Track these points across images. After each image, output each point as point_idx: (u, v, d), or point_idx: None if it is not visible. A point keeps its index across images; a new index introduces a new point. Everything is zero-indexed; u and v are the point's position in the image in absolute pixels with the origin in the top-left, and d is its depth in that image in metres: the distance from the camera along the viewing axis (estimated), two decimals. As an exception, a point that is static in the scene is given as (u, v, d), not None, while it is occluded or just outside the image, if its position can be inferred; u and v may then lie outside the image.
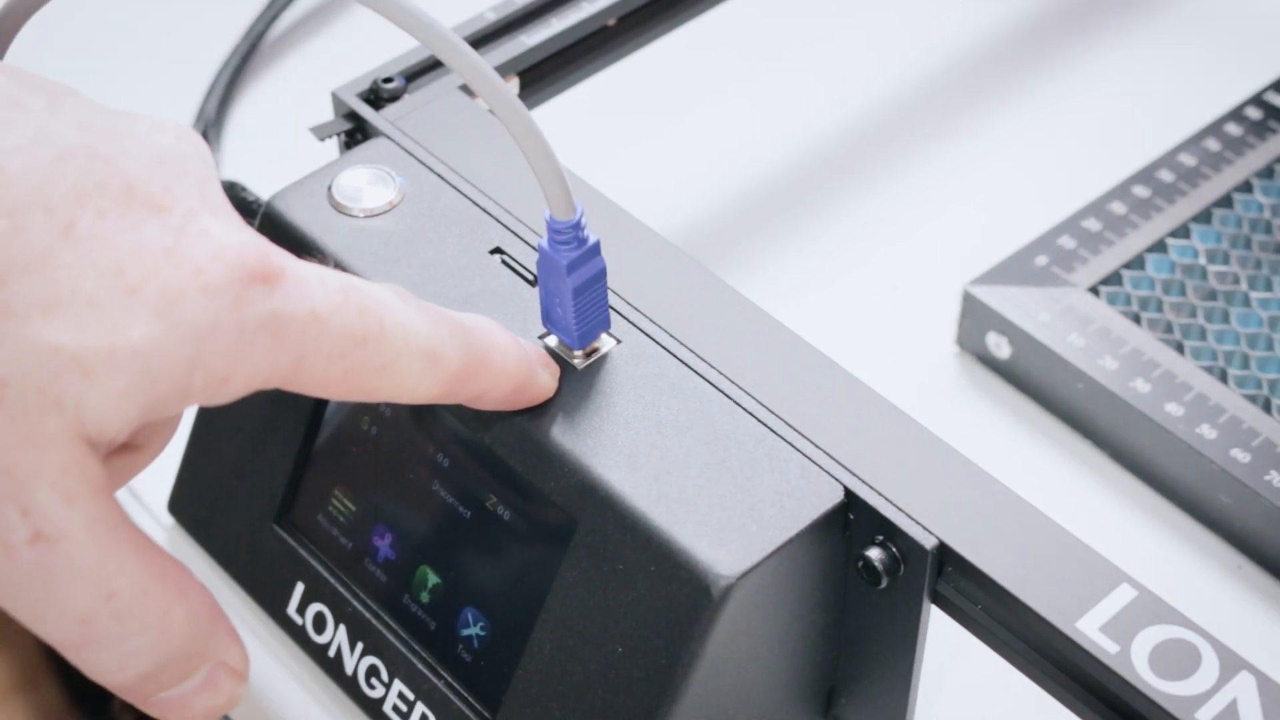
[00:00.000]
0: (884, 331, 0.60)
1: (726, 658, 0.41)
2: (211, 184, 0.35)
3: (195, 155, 0.35)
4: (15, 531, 0.32)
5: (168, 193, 0.34)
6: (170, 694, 0.35)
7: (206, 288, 0.33)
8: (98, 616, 0.33)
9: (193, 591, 0.35)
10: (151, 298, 0.32)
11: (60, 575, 0.32)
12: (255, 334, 0.33)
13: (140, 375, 0.32)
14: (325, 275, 0.35)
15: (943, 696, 0.50)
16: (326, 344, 0.35)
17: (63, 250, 0.32)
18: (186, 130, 0.36)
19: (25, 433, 0.31)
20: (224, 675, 0.36)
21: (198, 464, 0.51)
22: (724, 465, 0.41)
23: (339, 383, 0.36)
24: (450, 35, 0.37)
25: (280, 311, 0.34)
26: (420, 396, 0.38)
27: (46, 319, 0.31)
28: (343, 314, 0.35)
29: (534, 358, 0.42)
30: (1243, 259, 0.59)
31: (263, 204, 0.49)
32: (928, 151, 0.67)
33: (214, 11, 0.72)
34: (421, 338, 0.37)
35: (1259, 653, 0.41)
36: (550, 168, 0.39)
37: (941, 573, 0.41)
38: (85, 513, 0.32)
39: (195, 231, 0.33)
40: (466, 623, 0.45)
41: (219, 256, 0.33)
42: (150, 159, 0.34)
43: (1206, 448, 0.52)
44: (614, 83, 0.61)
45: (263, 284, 0.34)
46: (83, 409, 0.32)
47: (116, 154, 0.33)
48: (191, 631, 0.34)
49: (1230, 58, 0.70)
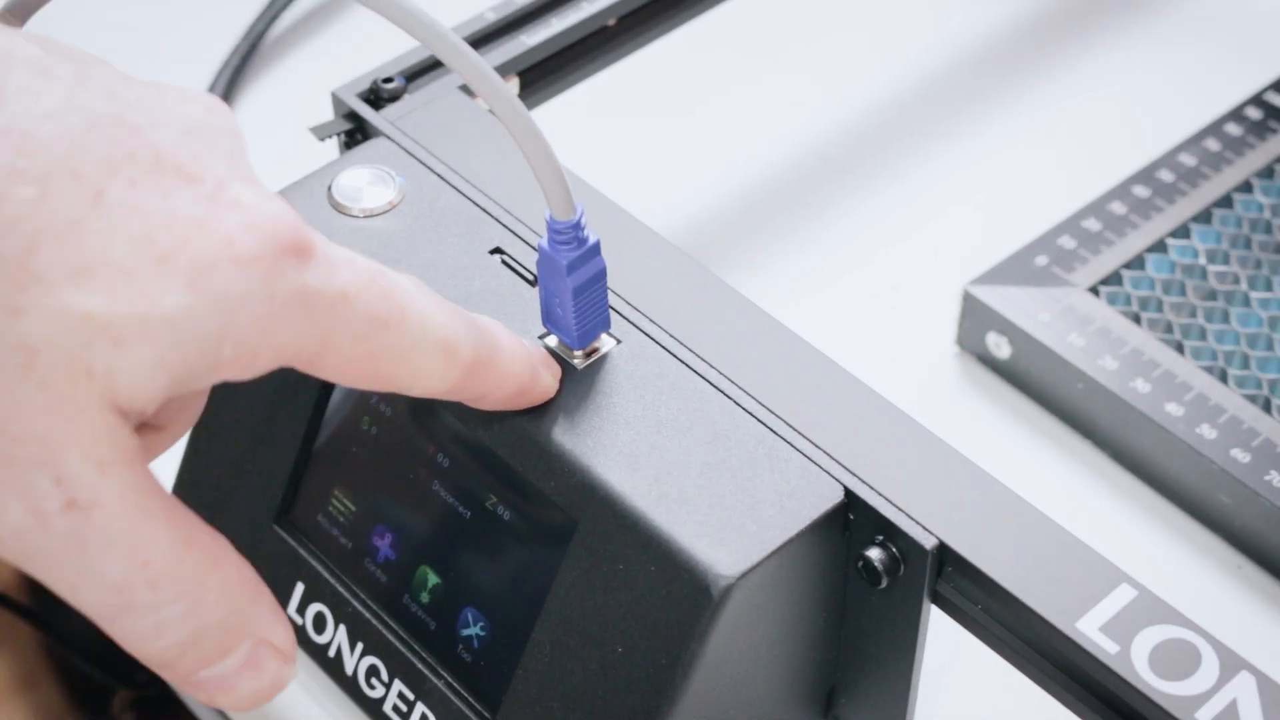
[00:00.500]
0: (884, 331, 0.60)
1: (726, 658, 0.41)
2: (240, 154, 0.35)
3: (225, 126, 0.35)
4: (48, 499, 0.31)
5: (198, 161, 0.33)
6: (211, 672, 0.34)
7: (238, 258, 0.32)
8: (132, 585, 0.32)
9: (229, 562, 0.34)
10: (183, 267, 0.32)
11: (94, 543, 0.32)
12: (286, 307, 0.33)
13: (171, 344, 0.32)
14: (352, 256, 0.35)
15: (943, 696, 0.50)
16: (353, 325, 0.34)
17: (93, 218, 0.31)
18: (215, 101, 0.36)
19: (57, 401, 0.31)
20: (267, 654, 0.35)
21: (198, 463, 0.51)
22: (724, 465, 0.41)
23: (360, 366, 0.35)
24: (450, 35, 0.37)
25: (310, 286, 0.33)
26: (433, 388, 0.38)
27: (77, 286, 0.31)
28: (369, 295, 0.35)
29: (537, 359, 0.42)
30: (1243, 259, 0.59)
31: (263, 204, 0.49)
32: (928, 151, 0.67)
33: (214, 11, 0.72)
34: (440, 328, 0.37)
35: (1259, 653, 0.41)
36: (550, 168, 0.39)
37: (941, 573, 0.41)
38: (119, 480, 0.32)
39: (227, 201, 0.33)
40: (466, 623, 0.45)
41: (252, 226, 0.33)
42: (179, 129, 0.34)
43: (1206, 448, 0.52)
44: (614, 83, 0.61)
45: (295, 256, 0.33)
46: (114, 377, 0.31)
47: (145, 124, 0.33)
48: (228, 602, 0.34)
49: (1230, 58, 0.70)
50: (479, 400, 0.40)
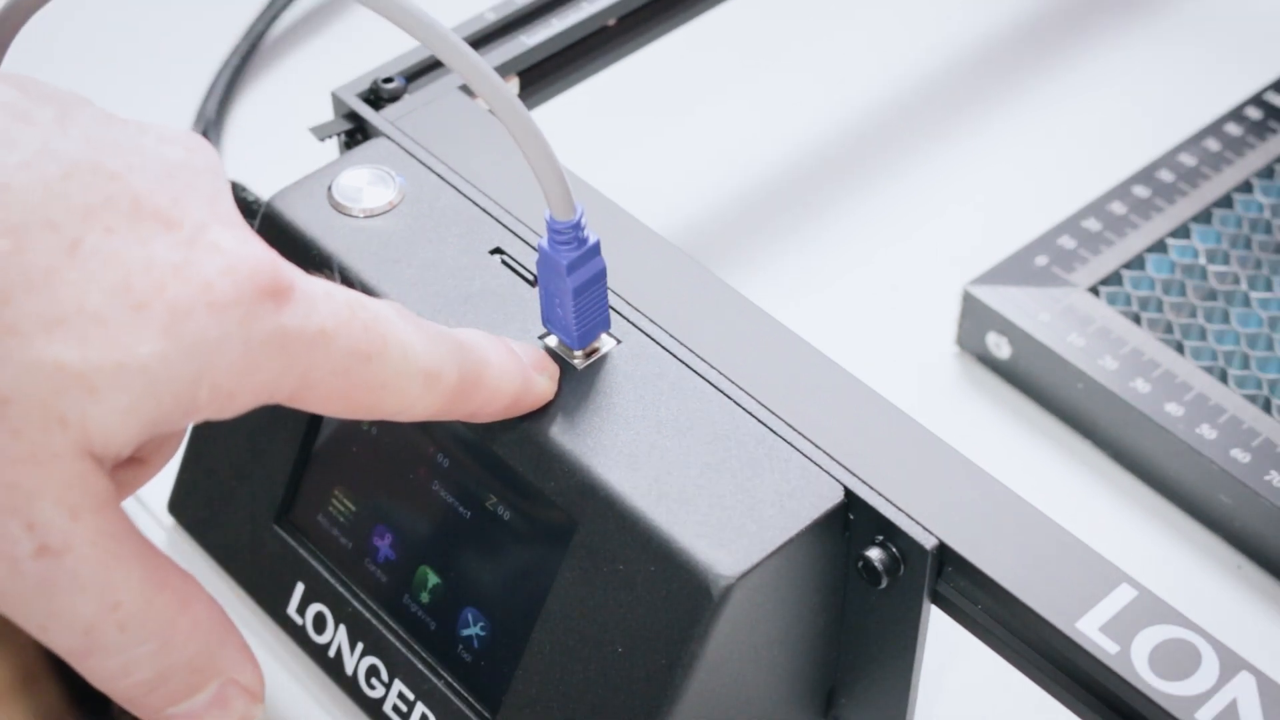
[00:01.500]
0: (884, 331, 0.60)
1: (726, 658, 0.41)
2: (222, 196, 0.35)
3: (205, 167, 0.35)
4: (20, 545, 0.32)
5: (176, 206, 0.33)
6: (179, 709, 0.35)
7: (214, 303, 0.33)
8: (102, 626, 0.33)
9: (199, 602, 0.35)
10: (159, 314, 0.32)
11: (64, 587, 0.32)
12: (263, 350, 0.33)
13: (145, 392, 0.32)
14: (332, 290, 0.35)
15: (943, 696, 0.50)
16: (332, 360, 0.35)
17: (67, 268, 0.32)
18: (197, 141, 0.36)
19: (29, 449, 0.31)
20: (236, 693, 0.35)
21: (198, 464, 0.51)
22: (724, 465, 0.41)
23: (341, 399, 0.36)
24: (450, 35, 0.37)
25: (288, 328, 0.34)
26: (418, 414, 0.38)
27: (50, 337, 0.31)
28: (349, 330, 0.35)
29: (531, 366, 0.42)
30: (1243, 259, 0.59)
31: (263, 204, 0.49)
32: (928, 151, 0.67)
33: (214, 11, 0.72)
34: (422, 356, 0.37)
35: (1259, 653, 0.41)
36: (550, 168, 0.39)
37: (941, 573, 0.41)
38: (90, 526, 0.32)
39: (206, 245, 0.33)
40: (466, 623, 0.45)
41: (229, 270, 0.33)
42: (159, 172, 0.34)
43: (1206, 448, 0.52)
44: (614, 83, 0.61)
45: (272, 299, 0.33)
46: (87, 425, 0.32)
47: (123, 169, 0.33)
48: (197, 641, 0.34)
49: (1230, 58, 0.70)
50: (470, 417, 0.40)
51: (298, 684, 0.50)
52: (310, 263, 0.46)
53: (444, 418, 0.39)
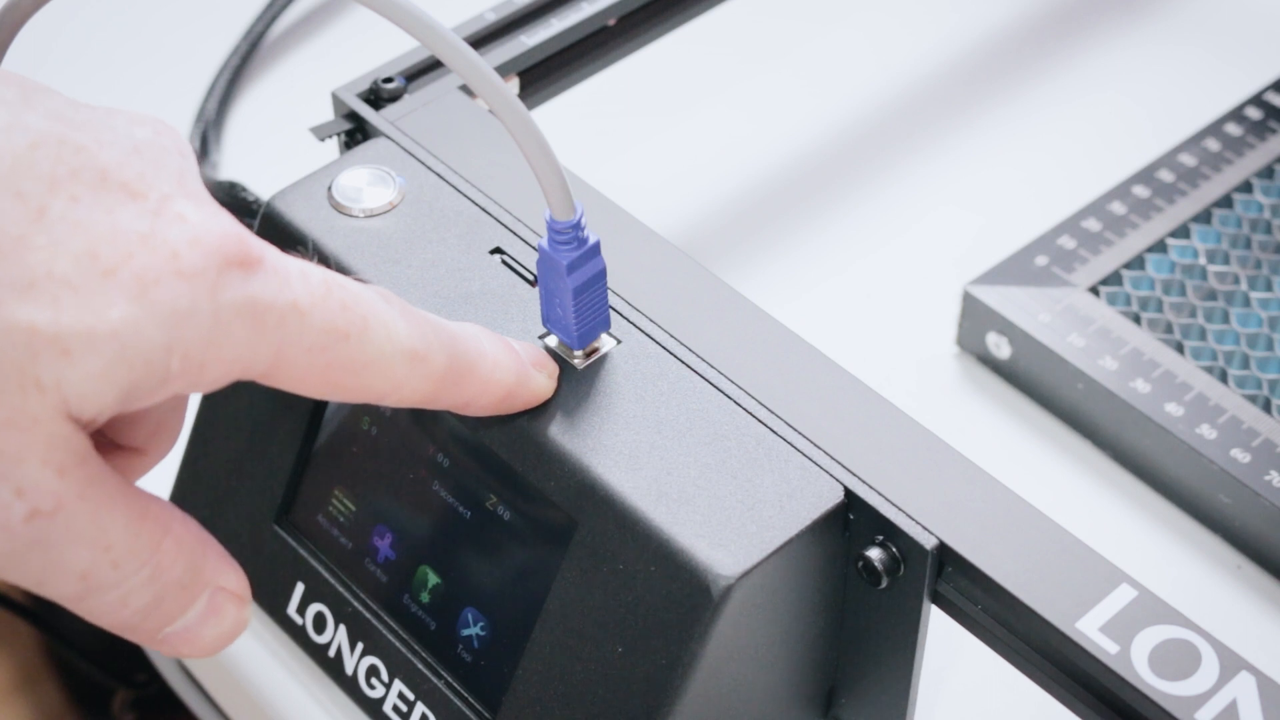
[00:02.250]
0: (884, 331, 0.60)
1: (726, 658, 0.41)
2: (190, 174, 0.35)
3: (173, 148, 0.35)
4: (11, 510, 0.32)
5: (142, 179, 0.34)
6: (176, 627, 0.36)
7: (183, 271, 0.33)
8: (98, 569, 0.34)
9: (177, 522, 0.35)
10: (127, 281, 0.32)
11: (59, 542, 0.33)
12: (232, 319, 0.34)
13: (117, 357, 0.32)
14: (308, 269, 0.36)
15: (943, 696, 0.50)
16: (307, 336, 0.35)
17: (36, 234, 0.32)
18: (165, 125, 0.36)
19: (9, 414, 0.32)
20: (225, 600, 0.36)
21: (198, 464, 0.51)
22: (724, 465, 0.41)
23: (320, 379, 0.36)
24: (450, 35, 0.37)
25: (258, 298, 0.34)
26: (405, 398, 0.38)
27: (21, 300, 0.32)
28: (325, 307, 0.35)
29: (528, 361, 0.42)
30: (1243, 259, 0.59)
31: (263, 204, 0.49)
32: (928, 151, 0.67)
33: (214, 11, 0.72)
34: (404, 337, 0.37)
35: (1259, 653, 0.41)
36: (550, 168, 0.39)
37: (941, 573, 0.41)
38: (78, 479, 0.33)
39: (171, 216, 0.34)
40: (466, 623, 0.45)
41: (196, 241, 0.33)
42: (125, 148, 0.34)
43: (1206, 448, 0.52)
44: (614, 83, 0.61)
45: (240, 269, 0.34)
46: (63, 388, 0.32)
47: (90, 142, 0.34)
48: (184, 559, 0.35)
49: (1230, 58, 0.70)
50: (464, 407, 0.40)
51: (298, 684, 0.50)
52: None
53: (435, 405, 0.39)
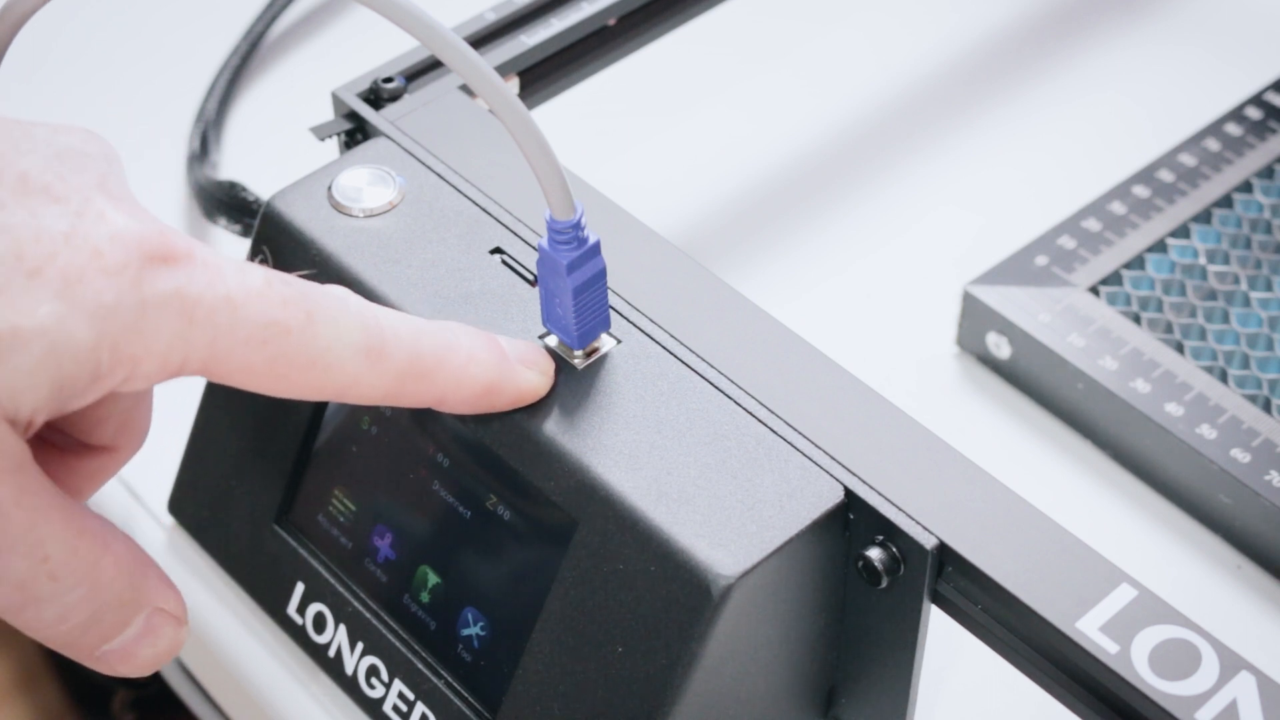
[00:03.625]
0: (884, 331, 0.60)
1: (726, 658, 0.41)
2: (113, 178, 0.36)
3: (98, 153, 0.36)
4: None
5: (64, 182, 0.34)
6: (113, 645, 0.36)
7: (106, 268, 0.33)
8: (34, 579, 0.34)
9: (117, 540, 0.36)
10: (52, 279, 0.33)
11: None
12: (160, 312, 0.34)
13: (46, 353, 0.33)
14: (246, 266, 0.36)
15: (943, 696, 0.50)
16: (241, 329, 0.35)
17: None
18: (91, 134, 0.37)
19: None
20: (162, 621, 0.37)
21: (198, 464, 0.51)
22: (724, 465, 0.41)
23: (267, 373, 0.36)
24: (450, 35, 0.37)
25: (185, 291, 0.34)
26: (366, 395, 0.38)
27: None
28: (262, 301, 0.35)
29: (517, 358, 0.42)
30: (1243, 259, 0.59)
31: (263, 204, 0.49)
32: (927, 151, 0.67)
33: (214, 11, 0.72)
34: (356, 332, 0.37)
35: (1259, 653, 0.41)
36: (550, 168, 0.39)
37: (941, 573, 0.41)
38: (13, 486, 0.33)
39: (93, 215, 0.34)
40: (466, 623, 0.45)
41: (117, 238, 0.34)
42: (46, 154, 0.35)
43: (1206, 448, 0.52)
44: (614, 83, 0.61)
45: (164, 263, 0.34)
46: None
47: (9, 150, 0.34)
48: (122, 578, 0.36)
49: (1230, 58, 0.70)
50: (439, 403, 0.40)
51: (298, 684, 0.50)
52: (309, 263, 0.46)
53: (403, 401, 0.39)
